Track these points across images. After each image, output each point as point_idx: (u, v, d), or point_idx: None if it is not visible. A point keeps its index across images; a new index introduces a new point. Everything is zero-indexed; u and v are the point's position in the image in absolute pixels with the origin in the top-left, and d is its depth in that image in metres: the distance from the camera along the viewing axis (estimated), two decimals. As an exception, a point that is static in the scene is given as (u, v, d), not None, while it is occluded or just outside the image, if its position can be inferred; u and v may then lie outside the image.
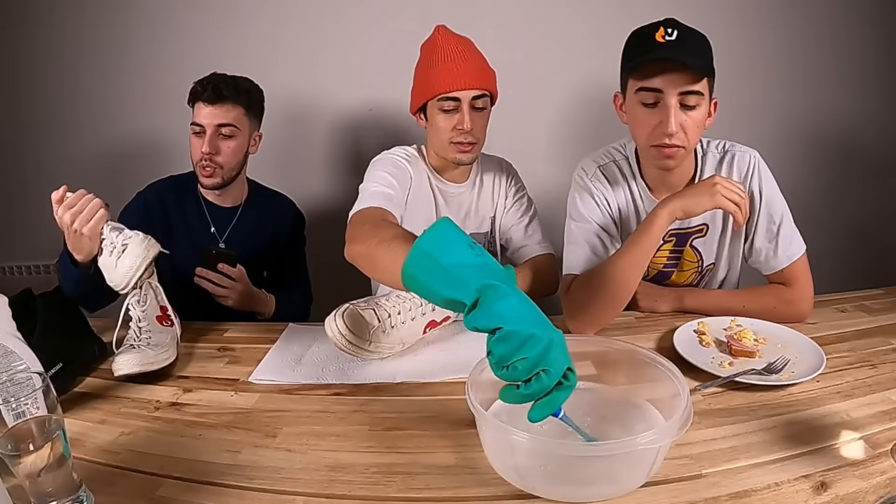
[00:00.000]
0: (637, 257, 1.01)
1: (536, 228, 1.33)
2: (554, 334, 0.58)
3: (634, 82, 1.00)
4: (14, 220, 2.02)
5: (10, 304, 0.86)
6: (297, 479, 0.67)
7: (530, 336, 0.56)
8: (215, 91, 1.29)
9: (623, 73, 1.04)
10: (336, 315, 0.94)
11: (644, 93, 0.98)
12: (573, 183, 1.18)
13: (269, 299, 1.37)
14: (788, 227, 1.09)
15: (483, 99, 1.19)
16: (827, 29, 1.79)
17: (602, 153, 1.19)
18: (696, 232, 1.15)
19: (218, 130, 1.31)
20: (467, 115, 1.17)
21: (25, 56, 1.84)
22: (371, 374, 0.94)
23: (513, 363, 0.57)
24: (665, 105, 0.97)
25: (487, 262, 0.61)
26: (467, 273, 0.59)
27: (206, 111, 1.29)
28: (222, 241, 1.41)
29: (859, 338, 0.99)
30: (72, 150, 1.93)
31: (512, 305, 0.58)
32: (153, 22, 1.79)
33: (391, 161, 1.24)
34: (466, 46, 1.20)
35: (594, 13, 1.77)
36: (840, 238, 1.93)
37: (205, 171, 1.32)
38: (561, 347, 0.58)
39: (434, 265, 0.60)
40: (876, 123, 1.89)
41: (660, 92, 0.97)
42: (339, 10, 1.78)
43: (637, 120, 1.02)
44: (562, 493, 0.62)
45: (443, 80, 1.17)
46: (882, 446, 0.68)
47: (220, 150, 1.32)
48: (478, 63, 1.20)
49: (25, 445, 0.57)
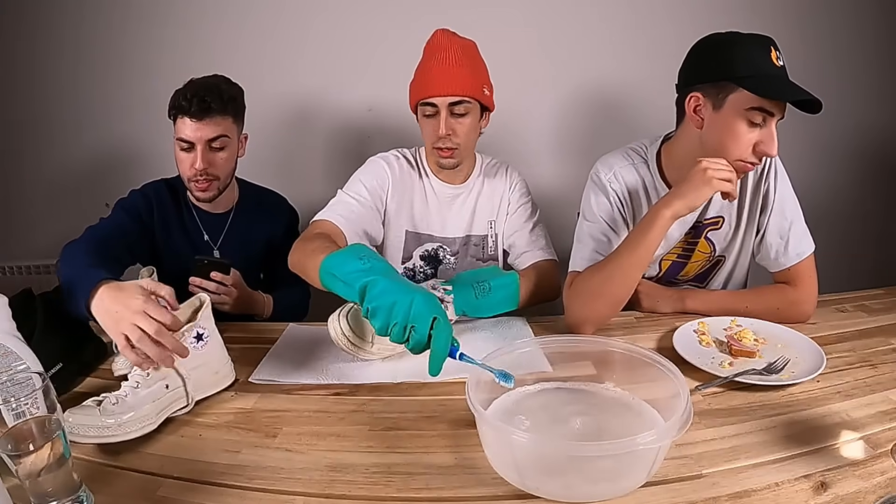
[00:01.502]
0: (638, 256, 1.00)
1: (540, 234, 1.32)
2: (414, 295, 0.71)
3: (747, 99, 0.95)
4: (14, 220, 2.02)
5: (10, 304, 0.86)
6: (297, 479, 0.67)
7: (393, 304, 0.70)
8: (202, 105, 1.22)
9: (720, 80, 0.98)
10: (340, 315, 0.94)
11: (756, 112, 0.95)
12: (589, 181, 1.18)
13: (267, 300, 1.37)
14: (800, 224, 1.10)
15: (463, 105, 1.18)
16: (835, 30, 1.79)
17: (622, 153, 1.18)
18: (711, 224, 1.15)
19: (209, 144, 1.26)
20: (443, 122, 1.18)
21: (25, 55, 1.84)
22: (371, 374, 0.93)
23: (390, 329, 0.71)
24: (769, 128, 0.96)
25: (372, 266, 0.76)
26: (353, 277, 0.76)
27: (194, 127, 1.23)
28: (216, 248, 1.40)
29: (859, 338, 0.99)
30: (71, 150, 1.93)
31: (380, 287, 0.72)
32: (150, 21, 1.79)
33: (371, 169, 1.29)
34: (456, 51, 1.18)
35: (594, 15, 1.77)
36: (840, 238, 1.93)
37: (199, 186, 1.29)
38: (422, 303, 0.70)
39: (331, 277, 0.80)
40: (878, 123, 1.89)
41: (770, 116, 0.95)
42: (337, 10, 1.78)
43: (736, 135, 0.97)
44: (562, 493, 0.62)
45: (422, 85, 1.20)
46: (882, 446, 0.68)
47: (213, 163, 1.28)
48: (462, 69, 1.18)
49: (25, 445, 0.57)
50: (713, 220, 1.15)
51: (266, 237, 1.44)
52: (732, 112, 0.97)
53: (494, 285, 1.08)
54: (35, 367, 0.78)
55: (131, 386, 0.78)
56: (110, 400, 0.76)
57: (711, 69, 1.00)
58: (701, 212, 1.14)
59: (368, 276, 0.74)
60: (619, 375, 0.79)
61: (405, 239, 1.33)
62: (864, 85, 1.85)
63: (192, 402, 0.83)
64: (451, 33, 1.21)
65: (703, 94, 1.01)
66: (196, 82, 1.25)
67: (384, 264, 0.78)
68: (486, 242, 1.36)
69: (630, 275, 1.02)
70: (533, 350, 0.83)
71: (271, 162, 1.81)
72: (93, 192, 1.94)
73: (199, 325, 0.85)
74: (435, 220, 1.34)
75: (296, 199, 1.54)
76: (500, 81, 1.26)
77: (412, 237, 1.34)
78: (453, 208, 1.33)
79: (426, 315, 0.70)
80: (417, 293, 0.71)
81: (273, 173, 1.60)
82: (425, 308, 0.70)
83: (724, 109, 0.98)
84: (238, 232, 1.41)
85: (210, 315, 0.88)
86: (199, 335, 0.85)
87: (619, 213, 1.14)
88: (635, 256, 1.00)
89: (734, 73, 0.96)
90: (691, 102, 1.03)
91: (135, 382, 0.78)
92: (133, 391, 0.77)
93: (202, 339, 0.86)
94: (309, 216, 1.55)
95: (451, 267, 1.36)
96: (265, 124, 1.83)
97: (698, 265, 1.20)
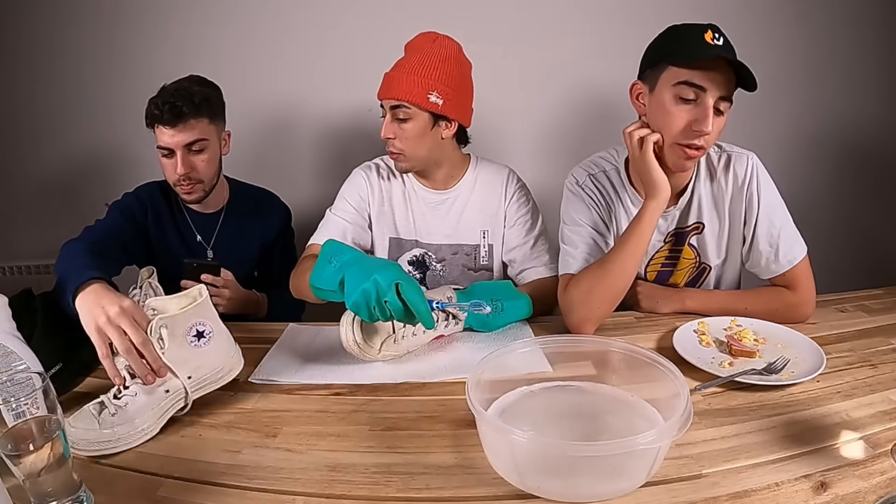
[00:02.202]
0: (633, 247, 1.01)
1: (543, 249, 1.29)
2: (373, 274, 0.81)
3: (674, 74, 0.95)
4: (14, 220, 2.02)
5: (10, 304, 0.86)
6: (297, 479, 0.67)
7: (362, 292, 0.81)
8: (173, 111, 1.21)
9: (656, 64, 1.00)
10: (353, 321, 0.93)
11: (684, 87, 0.94)
12: (565, 190, 1.19)
13: (262, 300, 1.37)
14: (789, 230, 1.08)
15: (402, 110, 1.17)
16: (830, 29, 1.79)
17: (591, 162, 1.19)
18: (692, 230, 1.15)
19: (188, 149, 1.25)
20: (385, 125, 1.20)
21: (26, 56, 1.84)
22: (371, 374, 0.93)
23: (376, 315, 0.83)
24: (703, 105, 0.95)
25: (341, 264, 0.86)
26: (331, 282, 0.87)
27: (169, 133, 1.23)
28: (210, 248, 1.40)
29: (859, 338, 0.99)
30: (71, 149, 1.93)
31: (348, 284, 0.84)
32: (150, 21, 1.79)
33: (352, 183, 1.33)
34: (418, 56, 1.17)
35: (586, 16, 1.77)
36: (840, 238, 1.93)
37: (184, 189, 1.29)
38: (381, 279, 0.81)
39: (319, 290, 0.91)
40: (876, 123, 1.89)
41: (702, 90, 0.94)
42: (336, 10, 1.78)
43: (669, 114, 0.98)
44: (562, 493, 0.62)
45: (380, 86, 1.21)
46: (882, 446, 0.68)
47: (195, 167, 1.27)
48: (409, 75, 1.16)
49: (25, 445, 0.57)
50: (693, 226, 1.15)
51: (259, 236, 1.44)
52: (664, 90, 0.98)
53: (507, 307, 1.08)
54: (35, 367, 0.78)
55: (130, 395, 0.76)
56: (109, 410, 0.74)
57: (650, 56, 1.03)
58: (679, 219, 1.14)
59: (340, 275, 0.85)
60: (619, 375, 0.78)
61: (389, 246, 1.33)
62: (864, 84, 1.85)
63: (190, 403, 0.81)
64: (431, 36, 1.20)
65: (643, 81, 1.04)
66: (168, 88, 1.25)
67: (349, 255, 0.88)
68: (477, 252, 1.33)
69: (627, 267, 1.02)
70: (533, 350, 0.83)
71: (265, 165, 1.81)
72: (93, 192, 1.94)
73: (197, 322, 0.80)
74: (419, 226, 1.32)
75: (289, 201, 1.54)
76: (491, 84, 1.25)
77: (395, 244, 1.33)
78: (438, 214, 1.32)
79: (389, 285, 0.81)
80: (375, 271, 0.82)
81: (266, 176, 1.59)
82: (385, 279, 0.81)
83: (656, 89, 1.00)
84: (230, 231, 1.42)
85: (209, 308, 0.83)
86: (200, 333, 0.81)
87: (599, 216, 1.14)
88: (630, 248, 1.02)
89: (666, 52, 0.98)
90: (634, 91, 1.06)
91: (134, 392, 0.76)
92: (132, 400, 0.75)
93: (203, 336, 0.81)
94: (304, 218, 1.55)
95: (439, 274, 1.34)
96: (260, 128, 1.83)
97: (685, 273, 1.20)
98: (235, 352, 0.88)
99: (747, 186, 1.08)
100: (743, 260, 1.15)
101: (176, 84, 1.26)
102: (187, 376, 0.79)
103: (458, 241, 1.33)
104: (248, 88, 1.74)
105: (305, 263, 1.12)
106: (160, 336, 0.77)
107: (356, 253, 0.89)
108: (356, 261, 0.86)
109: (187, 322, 0.80)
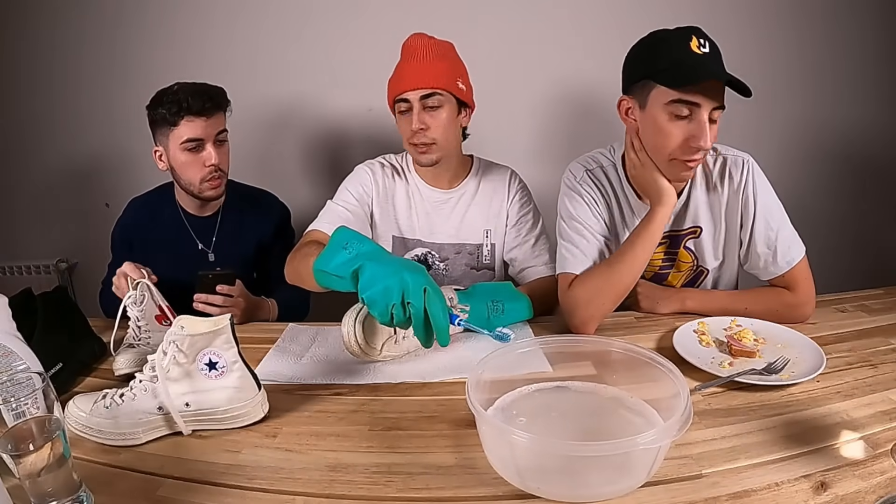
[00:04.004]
0: (641, 249, 1.02)
1: (543, 249, 1.30)
2: (402, 273, 0.74)
3: (665, 93, 0.94)
4: (14, 220, 2.02)
5: (10, 304, 0.86)
6: (297, 479, 0.67)
7: (385, 288, 0.74)
8: (203, 100, 1.25)
9: (643, 79, 0.98)
10: (356, 321, 0.93)
11: (678, 105, 0.94)
12: (562, 185, 1.18)
13: (272, 305, 1.36)
14: (787, 231, 1.08)
15: (435, 98, 1.18)
16: (829, 32, 1.79)
17: (589, 157, 1.19)
18: (689, 234, 1.15)
19: (216, 139, 1.29)
20: (416, 116, 1.18)
21: (27, 55, 1.84)
22: (371, 373, 0.94)
23: (391, 313, 0.74)
24: (698, 120, 0.94)
25: (358, 253, 0.79)
26: (343, 269, 0.79)
27: (202, 124, 1.25)
28: (211, 252, 1.40)
29: (859, 338, 0.99)
30: (72, 151, 1.93)
31: (368, 274, 0.76)
32: (150, 21, 1.79)
33: (356, 177, 1.32)
34: (430, 49, 1.18)
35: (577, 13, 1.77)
36: (840, 238, 1.93)
37: (214, 184, 1.31)
38: (411, 278, 0.74)
39: (324, 274, 0.82)
40: (876, 125, 1.89)
41: (696, 106, 0.94)
42: (336, 12, 1.78)
43: (664, 132, 0.97)
44: (562, 493, 0.62)
45: (396, 83, 1.21)
46: (882, 446, 0.68)
47: (221, 159, 1.31)
48: (433, 63, 1.18)
49: (25, 445, 0.57)
50: (690, 230, 1.14)
51: (257, 236, 1.44)
52: (656, 109, 0.98)
53: (508, 308, 1.08)
54: (35, 367, 0.78)
55: (129, 397, 0.75)
56: (104, 403, 0.75)
57: (635, 70, 1.01)
58: (674, 222, 1.14)
59: (356, 264, 0.78)
60: (619, 375, 0.78)
61: (393, 245, 1.33)
62: (864, 85, 1.85)
63: (186, 431, 0.76)
64: (426, 36, 1.21)
65: (632, 96, 1.03)
66: (187, 85, 1.27)
67: (369, 247, 0.81)
68: (480, 251, 1.34)
69: (635, 269, 1.03)
70: (533, 350, 0.83)
71: (264, 165, 1.81)
72: (93, 192, 1.94)
73: (211, 351, 0.75)
74: (422, 226, 1.32)
75: (289, 201, 1.54)
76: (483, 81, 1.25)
77: (399, 242, 1.33)
78: (442, 214, 1.32)
79: (418, 289, 0.74)
80: (405, 271, 0.75)
81: (264, 176, 1.60)
82: (414, 282, 0.74)
83: (648, 108, 0.99)
84: (229, 233, 1.41)
85: (230, 342, 0.76)
86: (213, 363, 0.75)
87: (597, 213, 1.14)
88: (639, 250, 1.02)
89: (653, 68, 0.96)
90: (622, 107, 1.05)
91: (133, 395, 0.75)
92: (129, 402, 0.75)
93: (215, 367, 0.76)
94: (300, 217, 1.55)
95: (442, 273, 1.34)
96: (259, 127, 1.83)
97: (682, 276, 1.20)
98: (257, 399, 0.79)
99: (743, 190, 1.08)
100: (741, 262, 1.15)
101: (188, 83, 1.28)
102: (185, 402, 0.75)
103: (461, 241, 1.33)
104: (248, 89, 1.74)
105: (306, 248, 1.06)
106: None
107: (378, 246, 0.83)
108: (379, 254, 0.80)
109: (201, 346, 0.75)
